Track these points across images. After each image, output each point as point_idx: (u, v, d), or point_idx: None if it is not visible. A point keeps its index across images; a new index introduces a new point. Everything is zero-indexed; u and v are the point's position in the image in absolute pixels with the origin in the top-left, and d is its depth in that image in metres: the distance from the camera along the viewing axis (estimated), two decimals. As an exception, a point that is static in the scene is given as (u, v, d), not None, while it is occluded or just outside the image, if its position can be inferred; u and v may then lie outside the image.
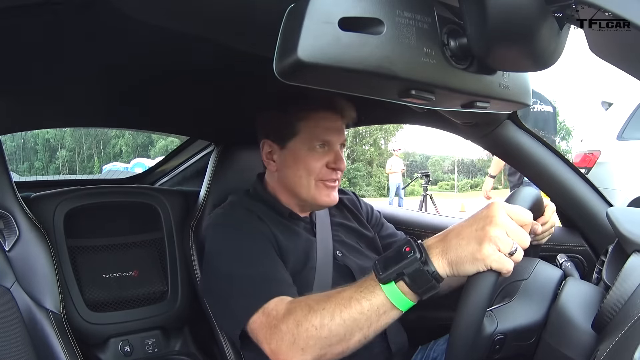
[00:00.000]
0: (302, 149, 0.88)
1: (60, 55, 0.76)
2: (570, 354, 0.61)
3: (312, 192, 0.89)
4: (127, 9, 0.54)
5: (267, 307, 0.71)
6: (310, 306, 0.65)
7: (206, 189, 1.20)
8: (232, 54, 0.67)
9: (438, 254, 0.59)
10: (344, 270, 0.92)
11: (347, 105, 0.91)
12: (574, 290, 0.66)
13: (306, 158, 0.88)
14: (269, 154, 0.93)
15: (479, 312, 0.59)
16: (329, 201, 0.91)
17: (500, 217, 0.57)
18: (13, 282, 0.89)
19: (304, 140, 0.88)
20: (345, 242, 0.97)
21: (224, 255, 0.83)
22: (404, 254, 0.59)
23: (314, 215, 0.97)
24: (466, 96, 0.53)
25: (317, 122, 0.88)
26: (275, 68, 0.42)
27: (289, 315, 0.66)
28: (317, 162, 0.88)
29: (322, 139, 0.88)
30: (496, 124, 0.94)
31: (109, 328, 1.09)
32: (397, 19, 0.43)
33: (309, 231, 0.95)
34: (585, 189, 0.96)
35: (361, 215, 1.07)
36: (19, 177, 1.99)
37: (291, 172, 0.90)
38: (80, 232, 1.12)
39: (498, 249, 0.55)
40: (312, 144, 0.88)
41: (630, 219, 0.72)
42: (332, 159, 0.89)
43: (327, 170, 0.89)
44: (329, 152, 0.89)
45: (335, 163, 0.89)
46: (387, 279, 0.59)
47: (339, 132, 0.90)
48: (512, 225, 0.57)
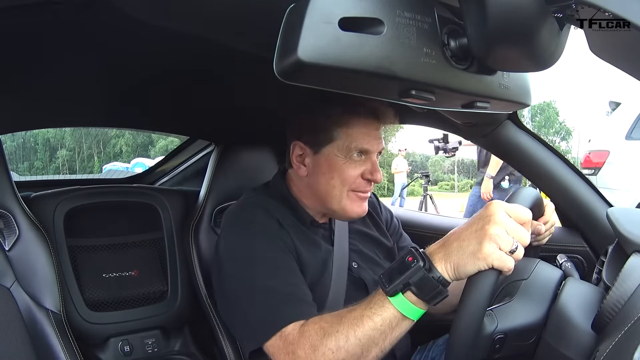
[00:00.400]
0: (338, 156, 0.82)
1: (60, 55, 0.76)
2: (570, 354, 0.61)
3: (344, 203, 0.84)
4: (128, 8, 0.54)
5: (285, 330, 0.70)
6: (325, 329, 0.65)
7: (206, 188, 1.19)
8: (232, 54, 0.67)
9: (441, 259, 0.59)
10: (359, 282, 0.89)
11: (388, 110, 0.85)
12: (574, 290, 0.66)
13: (342, 166, 0.82)
14: (300, 157, 0.87)
15: (479, 311, 0.59)
16: (360, 212, 0.86)
17: (500, 215, 0.57)
18: (13, 282, 0.89)
19: (341, 147, 0.82)
20: (362, 252, 0.93)
21: (245, 260, 0.79)
22: (408, 264, 0.59)
23: (333, 223, 0.92)
24: (466, 96, 0.53)
25: (357, 128, 0.82)
26: (276, 68, 0.42)
27: (304, 339, 0.66)
28: (353, 172, 0.82)
29: (360, 147, 0.82)
30: (496, 124, 0.94)
31: (108, 328, 1.09)
32: (397, 19, 0.43)
33: (327, 239, 0.91)
34: (585, 189, 0.96)
35: (381, 221, 1.02)
36: (19, 177, 1.99)
37: (324, 180, 0.84)
38: (80, 231, 1.12)
39: (499, 247, 0.55)
40: (350, 152, 0.82)
41: (630, 220, 0.72)
42: (369, 169, 0.83)
43: (362, 182, 0.84)
44: (366, 162, 0.83)
45: (372, 174, 0.83)
46: (394, 291, 0.60)
47: (378, 140, 0.84)
48: (511, 223, 0.57)
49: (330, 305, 0.83)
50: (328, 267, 0.86)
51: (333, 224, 0.93)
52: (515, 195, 0.67)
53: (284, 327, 0.70)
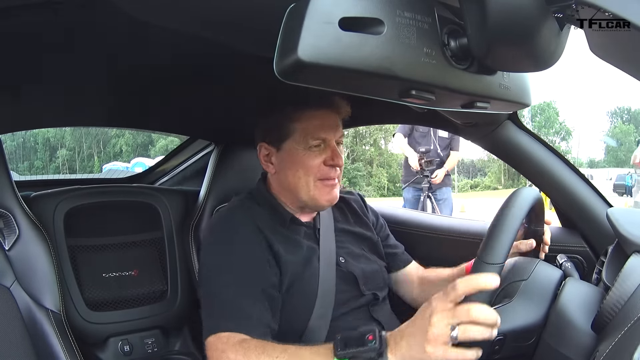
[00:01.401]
0: (297, 149, 0.87)
1: (60, 55, 0.76)
2: (570, 354, 0.61)
3: (312, 193, 0.88)
4: (128, 8, 0.54)
5: (222, 335, 0.74)
6: (266, 350, 0.69)
7: (206, 188, 1.19)
8: (232, 54, 0.67)
9: (393, 349, 0.60)
10: (348, 276, 0.91)
11: (341, 101, 0.90)
12: (573, 290, 0.66)
13: (303, 158, 0.87)
14: (267, 156, 0.92)
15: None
16: (330, 199, 0.90)
17: (436, 310, 0.57)
18: (13, 282, 0.89)
19: (298, 140, 0.87)
20: (348, 248, 0.95)
21: (213, 264, 0.85)
22: (365, 341, 0.61)
23: (318, 221, 0.95)
24: (466, 96, 0.53)
25: (310, 120, 0.87)
26: (276, 68, 0.42)
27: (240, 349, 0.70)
28: (314, 161, 0.87)
29: (316, 137, 0.87)
30: (496, 124, 0.93)
31: (108, 327, 1.09)
32: (398, 19, 0.43)
33: (311, 237, 0.93)
34: (585, 189, 0.96)
35: (367, 218, 1.05)
36: (19, 176, 1.99)
37: (290, 174, 0.89)
38: (80, 231, 1.12)
39: (442, 342, 0.56)
40: (307, 143, 0.87)
41: (630, 220, 0.72)
42: (329, 156, 0.87)
43: (326, 168, 0.88)
44: (326, 149, 0.88)
45: (332, 160, 0.87)
46: (342, 357, 0.62)
47: (333, 129, 0.89)
48: (449, 308, 0.57)
49: (321, 299, 0.85)
50: (312, 264, 0.88)
51: (318, 223, 0.95)
52: (515, 195, 0.67)
53: (224, 332, 0.74)
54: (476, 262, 0.63)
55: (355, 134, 27.06)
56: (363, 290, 0.90)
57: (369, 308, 0.91)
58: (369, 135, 27.43)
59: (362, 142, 28.54)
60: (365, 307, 0.91)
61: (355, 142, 27.91)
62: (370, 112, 1.21)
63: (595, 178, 17.71)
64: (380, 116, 1.25)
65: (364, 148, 28.72)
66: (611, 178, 19.55)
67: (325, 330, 0.84)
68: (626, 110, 37.89)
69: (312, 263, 0.88)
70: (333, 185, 0.89)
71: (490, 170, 32.32)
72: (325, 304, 0.85)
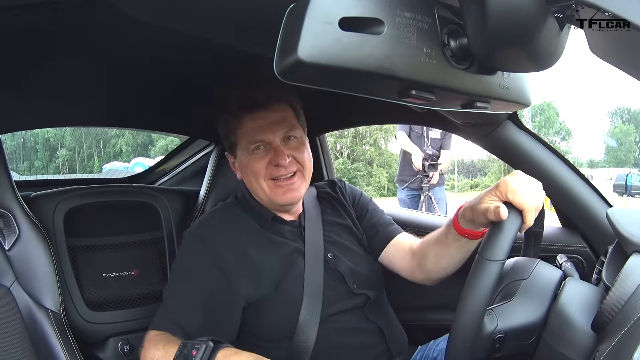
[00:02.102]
0: (244, 154, 0.90)
1: (61, 55, 0.76)
2: (570, 354, 0.61)
3: (269, 194, 0.89)
4: (128, 8, 0.54)
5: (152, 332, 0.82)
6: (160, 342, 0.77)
7: (206, 188, 1.19)
8: (232, 54, 0.67)
9: None
10: (335, 273, 0.90)
11: (264, 94, 0.88)
12: (573, 290, 0.67)
13: (249, 162, 0.89)
14: (233, 164, 0.96)
15: (479, 310, 0.59)
16: (287, 199, 0.89)
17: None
18: (13, 282, 0.89)
19: (242, 146, 0.90)
20: (337, 241, 0.95)
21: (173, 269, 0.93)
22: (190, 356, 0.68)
23: (303, 218, 0.95)
24: (466, 96, 0.53)
25: (245, 125, 0.88)
26: (276, 68, 0.42)
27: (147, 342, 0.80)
28: (258, 164, 0.88)
29: (254, 141, 0.87)
30: (496, 124, 0.94)
31: (108, 327, 1.09)
32: (398, 19, 0.43)
33: (296, 235, 0.93)
34: (585, 189, 0.96)
35: (346, 201, 1.03)
36: (19, 176, 1.99)
37: (246, 179, 0.92)
38: (80, 231, 1.12)
39: None
40: (248, 149, 0.88)
41: (630, 220, 0.72)
42: (272, 156, 0.87)
43: (273, 168, 0.88)
44: (270, 150, 0.88)
45: (274, 160, 0.87)
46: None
47: (271, 127, 0.87)
48: None
49: (308, 297, 0.85)
50: (296, 262, 0.88)
51: (302, 220, 0.95)
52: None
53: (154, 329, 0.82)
54: (477, 260, 0.63)
55: (355, 134, 27.07)
56: (352, 288, 0.89)
57: (363, 310, 0.90)
58: (369, 135, 27.42)
59: (362, 142, 28.53)
60: (360, 308, 0.90)
61: (355, 142, 27.91)
62: (370, 111, 1.21)
63: (595, 178, 17.73)
64: (381, 116, 1.25)
65: (364, 148, 28.71)
66: (611, 178, 19.57)
67: (315, 330, 0.84)
68: (626, 110, 37.89)
69: (296, 262, 0.88)
70: (288, 185, 0.89)
71: (490, 170, 32.32)
72: (313, 302, 0.85)
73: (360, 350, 0.87)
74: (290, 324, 0.84)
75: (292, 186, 0.89)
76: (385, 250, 0.98)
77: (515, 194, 0.67)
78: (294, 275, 0.87)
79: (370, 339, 0.89)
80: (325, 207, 1.00)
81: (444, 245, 0.84)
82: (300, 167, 0.90)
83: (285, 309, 0.85)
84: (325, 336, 0.84)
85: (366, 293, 0.91)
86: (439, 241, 0.86)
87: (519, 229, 0.67)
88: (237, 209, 0.95)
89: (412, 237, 0.98)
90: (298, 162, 0.89)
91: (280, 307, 0.85)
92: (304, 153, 0.91)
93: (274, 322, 0.85)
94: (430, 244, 0.89)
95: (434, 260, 0.87)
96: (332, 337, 0.85)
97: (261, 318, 0.85)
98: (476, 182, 30.35)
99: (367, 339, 0.88)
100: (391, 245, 0.98)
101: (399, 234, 0.99)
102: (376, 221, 1.02)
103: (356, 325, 0.88)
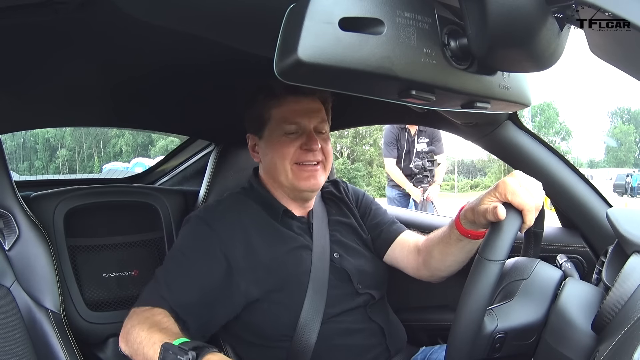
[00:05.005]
0: (274, 135, 0.89)
1: (61, 55, 0.76)
2: (570, 354, 0.61)
3: (290, 177, 0.89)
4: (128, 8, 0.54)
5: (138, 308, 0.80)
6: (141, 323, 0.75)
7: (206, 188, 1.19)
8: (232, 54, 0.67)
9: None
10: (342, 272, 0.90)
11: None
12: (573, 290, 0.66)
13: (279, 143, 0.88)
14: (254, 146, 0.95)
15: (479, 309, 0.59)
16: (309, 185, 0.89)
17: None
18: (13, 282, 0.89)
19: (275, 126, 0.89)
20: (342, 241, 0.95)
21: (173, 247, 0.90)
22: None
23: (311, 216, 0.96)
24: (466, 96, 0.53)
25: (286, 106, 0.89)
26: (276, 68, 0.42)
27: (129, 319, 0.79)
28: (289, 146, 0.88)
29: (292, 122, 0.88)
30: (496, 124, 0.94)
31: (108, 327, 1.09)
32: (398, 19, 0.43)
33: (304, 232, 0.93)
34: (585, 189, 0.96)
35: (351, 203, 1.03)
36: (19, 177, 1.99)
37: (269, 159, 0.91)
38: (80, 231, 1.12)
39: None
40: (283, 129, 0.88)
41: (630, 220, 0.72)
42: (305, 140, 0.88)
43: (301, 152, 0.88)
44: (302, 135, 0.89)
45: (307, 144, 0.88)
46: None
47: (309, 114, 0.89)
48: None
49: (312, 294, 0.85)
50: (304, 260, 0.88)
51: (311, 218, 0.95)
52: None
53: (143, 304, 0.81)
54: (477, 260, 0.63)
55: (355, 134, 27.08)
56: (357, 287, 0.89)
57: (366, 309, 0.90)
58: (369, 135, 27.41)
59: (362, 142, 28.54)
60: (362, 307, 0.90)
61: (355, 142, 27.92)
62: (370, 112, 1.21)
63: (595, 178, 17.73)
64: (381, 116, 1.25)
65: (364, 148, 28.71)
66: (611, 178, 19.57)
67: (317, 330, 0.84)
68: (626, 111, 37.89)
69: (303, 258, 0.88)
70: (312, 171, 0.89)
71: (490, 170, 32.32)
72: (316, 300, 0.85)
73: (360, 351, 0.87)
74: (292, 323, 0.84)
75: (316, 173, 0.90)
76: (390, 249, 0.98)
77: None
78: (300, 272, 0.87)
79: (371, 339, 0.89)
80: (330, 207, 1.00)
81: (448, 245, 0.85)
82: (324, 158, 0.91)
83: (288, 306, 0.84)
84: (326, 336, 0.84)
85: (371, 293, 0.91)
86: (442, 240, 0.86)
87: (519, 229, 0.67)
88: (246, 199, 0.94)
89: (417, 235, 0.99)
90: (324, 153, 0.91)
91: (283, 305, 0.84)
92: (329, 147, 0.93)
93: (275, 320, 0.84)
94: (434, 242, 0.89)
95: (439, 259, 0.88)
96: (334, 337, 0.85)
97: (262, 315, 0.85)
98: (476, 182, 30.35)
99: (368, 340, 0.89)
100: (396, 243, 0.98)
101: (402, 232, 1.00)
102: (379, 220, 1.02)
103: (358, 325, 0.88)
